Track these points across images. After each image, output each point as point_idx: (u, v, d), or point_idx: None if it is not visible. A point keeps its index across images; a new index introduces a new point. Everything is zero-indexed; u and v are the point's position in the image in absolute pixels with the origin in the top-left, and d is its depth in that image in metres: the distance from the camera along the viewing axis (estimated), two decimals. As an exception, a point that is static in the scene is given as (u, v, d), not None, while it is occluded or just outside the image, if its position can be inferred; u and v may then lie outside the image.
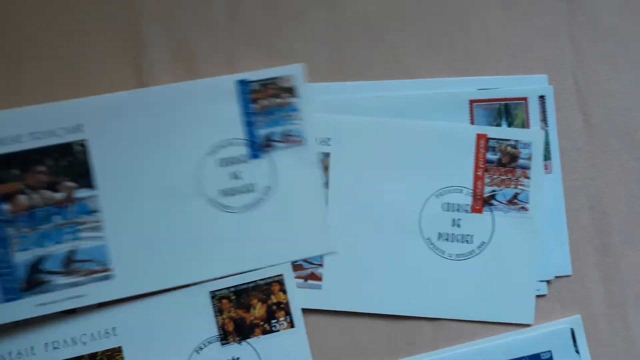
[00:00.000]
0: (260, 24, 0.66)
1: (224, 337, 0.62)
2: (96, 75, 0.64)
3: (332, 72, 0.66)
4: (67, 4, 0.65)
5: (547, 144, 0.66)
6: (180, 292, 0.62)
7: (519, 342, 0.64)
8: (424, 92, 0.65)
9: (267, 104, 0.64)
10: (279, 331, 0.63)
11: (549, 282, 0.65)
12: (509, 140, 0.65)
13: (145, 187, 0.62)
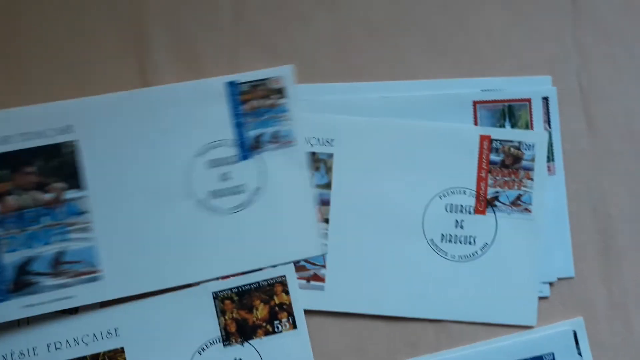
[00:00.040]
0: (264, 25, 0.66)
1: (227, 338, 0.62)
2: (100, 75, 0.64)
3: (336, 72, 0.66)
4: (72, 4, 0.65)
5: (551, 145, 0.66)
6: (182, 293, 0.62)
7: (522, 344, 0.64)
8: (427, 93, 0.65)
9: (256, 105, 0.64)
10: (281, 332, 0.63)
11: (552, 284, 0.65)
12: (512, 141, 0.65)
13: (134, 188, 0.62)
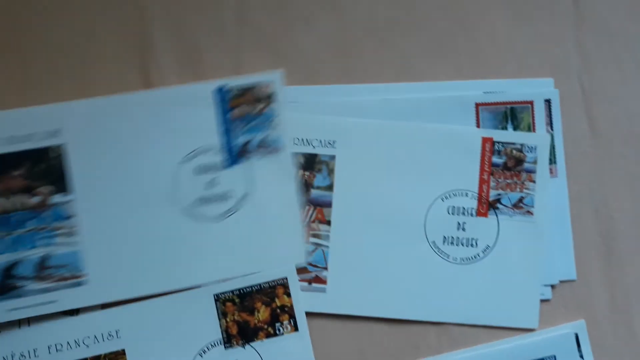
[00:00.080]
0: (267, 27, 0.66)
1: (228, 341, 0.62)
2: (103, 77, 0.64)
3: (339, 74, 0.65)
4: (76, 6, 0.65)
5: (553, 147, 0.66)
6: (183, 295, 0.62)
7: (523, 346, 0.64)
8: (430, 95, 0.65)
9: (245, 111, 0.63)
10: (282, 335, 0.62)
11: (554, 286, 0.65)
12: (514, 143, 0.65)
13: (121, 193, 0.62)
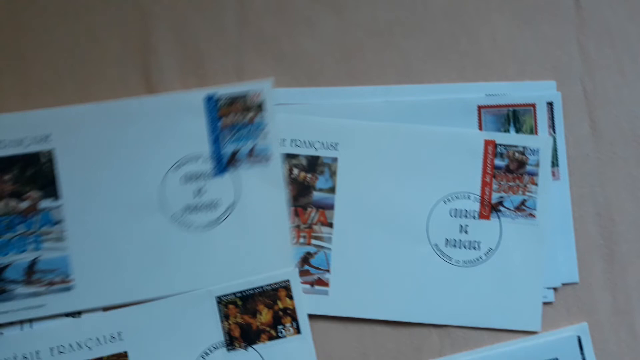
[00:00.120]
0: (269, 29, 0.66)
1: (230, 343, 0.62)
2: (105, 80, 0.64)
3: (341, 76, 0.65)
4: (78, 9, 0.65)
5: (555, 150, 0.66)
6: (186, 297, 0.62)
7: (526, 349, 0.64)
8: (432, 98, 0.65)
9: (234, 120, 0.63)
10: (285, 337, 0.62)
11: (556, 289, 0.65)
12: (517, 146, 0.65)
13: (109, 200, 0.62)
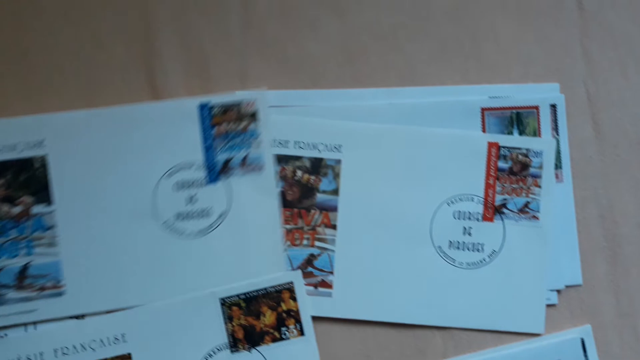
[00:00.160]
0: (273, 32, 0.66)
1: (234, 345, 0.62)
2: (110, 85, 0.64)
3: (344, 78, 0.65)
4: (82, 14, 0.65)
5: (558, 152, 0.66)
6: (189, 299, 0.62)
7: (529, 351, 0.63)
8: (436, 100, 0.65)
9: (227, 128, 0.63)
10: (289, 339, 0.62)
11: (559, 291, 0.65)
12: (520, 148, 0.65)
13: (102, 206, 0.62)
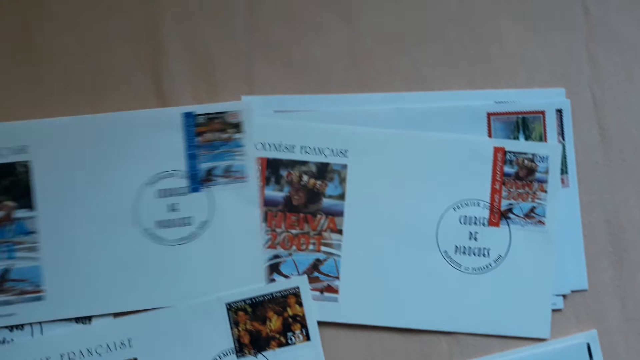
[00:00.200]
0: (278, 36, 0.66)
1: (240, 350, 0.62)
2: (116, 88, 0.64)
3: (351, 83, 0.66)
4: (88, 17, 0.65)
5: (564, 157, 0.66)
6: (196, 304, 0.62)
7: (535, 356, 0.63)
8: (442, 105, 0.65)
9: (211, 137, 0.63)
10: (294, 344, 0.62)
11: (565, 296, 0.65)
12: (526, 153, 0.65)
13: (84, 212, 0.62)
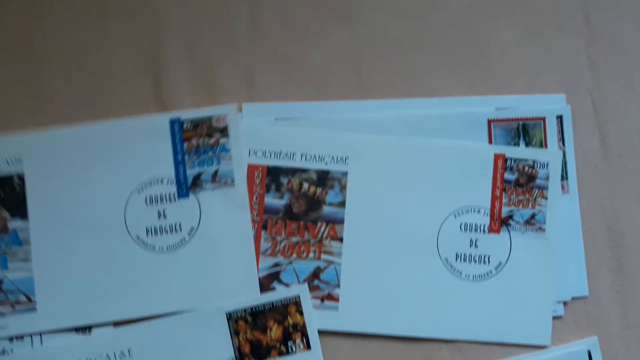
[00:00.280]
0: (279, 42, 0.65)
1: (241, 359, 0.62)
2: (116, 94, 0.64)
3: (351, 90, 0.65)
4: (88, 23, 0.65)
5: (565, 164, 0.66)
6: (196, 314, 0.62)
7: (536, 364, 0.64)
8: (442, 112, 0.65)
9: (198, 143, 0.63)
10: (295, 353, 0.62)
11: (566, 303, 0.65)
12: (526, 160, 0.65)
13: (75, 221, 0.62)
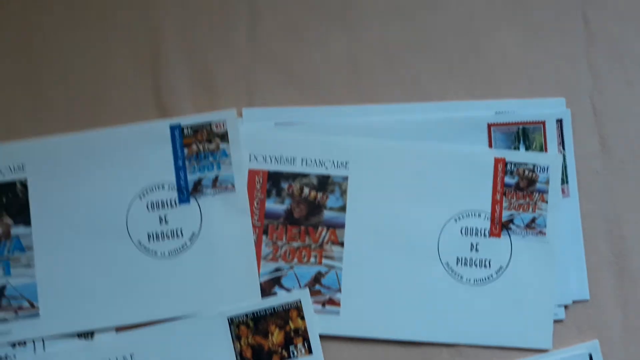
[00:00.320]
0: (279, 47, 0.66)
1: (242, 364, 0.62)
2: (116, 99, 0.64)
3: (351, 95, 0.65)
4: (89, 30, 0.65)
5: (565, 167, 0.66)
6: (198, 318, 0.62)
7: (537, 367, 0.64)
8: (442, 116, 0.65)
9: (198, 149, 0.63)
10: (297, 358, 0.62)
11: (567, 307, 0.65)
12: (526, 164, 0.65)
13: (77, 227, 0.62)
